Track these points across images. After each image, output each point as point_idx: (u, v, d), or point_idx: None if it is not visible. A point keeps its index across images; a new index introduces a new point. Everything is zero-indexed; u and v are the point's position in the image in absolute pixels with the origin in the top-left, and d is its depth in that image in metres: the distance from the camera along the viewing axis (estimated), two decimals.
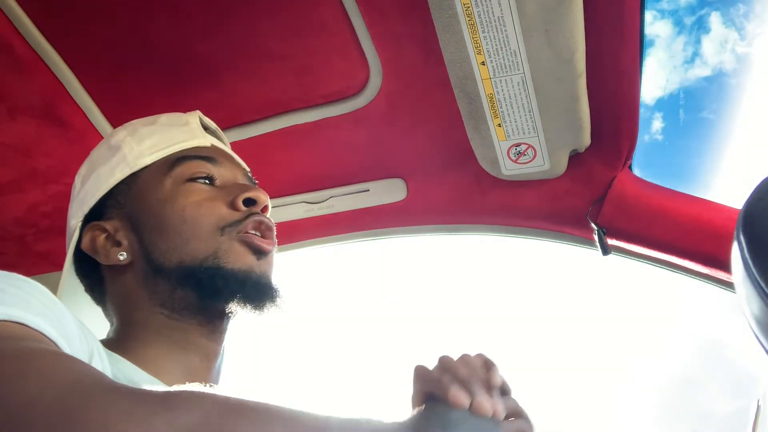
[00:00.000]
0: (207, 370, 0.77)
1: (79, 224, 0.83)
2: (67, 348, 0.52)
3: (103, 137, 1.19)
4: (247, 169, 0.94)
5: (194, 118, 0.90)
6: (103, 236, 0.80)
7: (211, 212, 0.78)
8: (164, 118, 0.90)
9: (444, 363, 0.64)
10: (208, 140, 0.88)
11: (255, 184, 0.90)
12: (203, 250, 0.75)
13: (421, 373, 0.64)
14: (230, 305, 0.75)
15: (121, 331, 0.77)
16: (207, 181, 0.83)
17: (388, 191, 1.29)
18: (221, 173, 0.85)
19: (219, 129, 0.95)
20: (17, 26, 1.00)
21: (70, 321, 0.56)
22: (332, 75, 1.09)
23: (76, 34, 1.03)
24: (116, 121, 1.18)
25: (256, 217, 0.79)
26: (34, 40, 1.02)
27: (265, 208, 0.84)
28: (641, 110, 1.00)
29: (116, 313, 0.80)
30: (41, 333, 0.50)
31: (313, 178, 1.30)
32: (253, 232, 0.79)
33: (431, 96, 1.09)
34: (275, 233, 0.82)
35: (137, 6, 0.99)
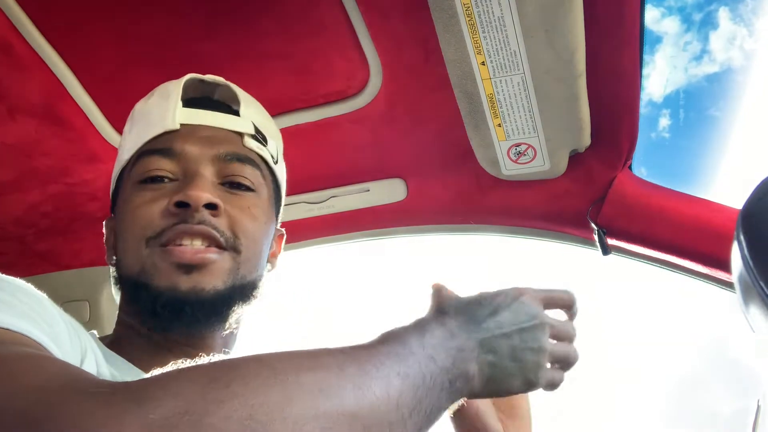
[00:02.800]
0: None
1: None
2: (54, 348, 0.51)
3: (103, 137, 1.19)
4: (249, 131, 0.79)
5: (177, 88, 0.78)
6: (110, 235, 0.79)
7: (141, 221, 0.71)
8: (156, 93, 0.81)
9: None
10: (177, 121, 0.75)
11: (247, 158, 0.78)
12: (133, 265, 0.70)
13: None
14: (171, 329, 0.69)
15: (118, 330, 0.76)
16: (160, 181, 0.73)
17: (389, 191, 1.29)
18: (183, 162, 0.74)
19: (224, 83, 0.83)
20: (17, 26, 1.00)
21: (58, 320, 0.55)
22: (332, 75, 1.09)
23: (76, 34, 1.03)
24: (116, 121, 1.18)
25: (182, 227, 0.69)
26: (33, 40, 1.02)
27: (212, 206, 0.71)
28: (648, 108, 1.00)
29: (119, 306, 0.78)
30: (23, 335, 0.48)
31: (313, 178, 1.30)
32: (185, 242, 0.69)
33: (431, 96, 1.09)
34: (218, 234, 0.70)
35: (137, 5, 0.99)
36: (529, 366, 0.60)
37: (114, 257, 0.76)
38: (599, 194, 1.10)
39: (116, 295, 0.78)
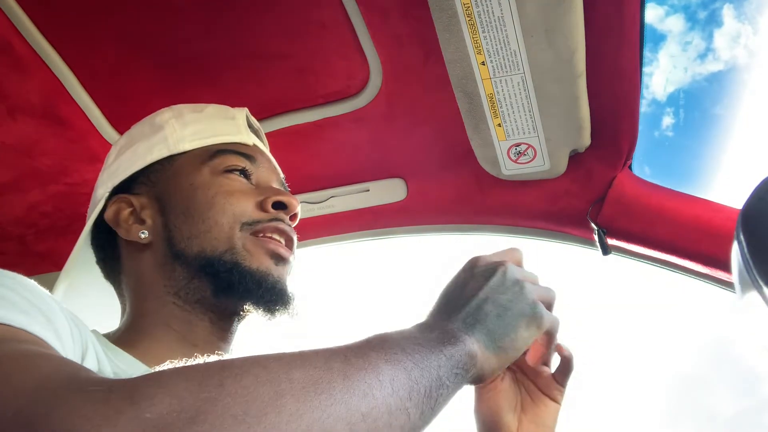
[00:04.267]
0: None
1: (107, 194, 0.83)
2: (56, 343, 0.50)
3: (102, 137, 1.19)
4: (282, 175, 0.93)
5: (242, 114, 0.90)
6: (128, 210, 0.80)
7: (237, 205, 0.77)
8: (211, 108, 0.90)
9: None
10: (251, 139, 0.88)
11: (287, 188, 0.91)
12: (222, 242, 0.75)
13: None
14: (243, 304, 0.75)
15: (131, 322, 0.76)
16: (245, 177, 0.82)
17: (389, 191, 1.29)
18: (258, 173, 0.85)
19: (262, 130, 0.95)
20: (17, 25, 1.00)
21: (60, 316, 0.55)
22: (332, 75, 1.09)
23: (75, 34, 1.03)
24: (116, 121, 1.18)
25: (280, 225, 0.78)
26: (33, 40, 1.02)
27: (293, 217, 0.83)
28: (651, 107, 1.00)
29: (130, 296, 0.79)
30: (24, 331, 0.48)
31: (313, 178, 1.30)
32: (276, 237, 0.78)
33: (431, 96, 1.09)
34: (295, 245, 0.82)
35: (137, 5, 0.99)
36: (522, 310, 0.59)
37: (146, 232, 0.78)
38: (599, 194, 1.10)
39: (144, 275, 0.78)
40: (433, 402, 0.47)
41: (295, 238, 0.81)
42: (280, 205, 0.80)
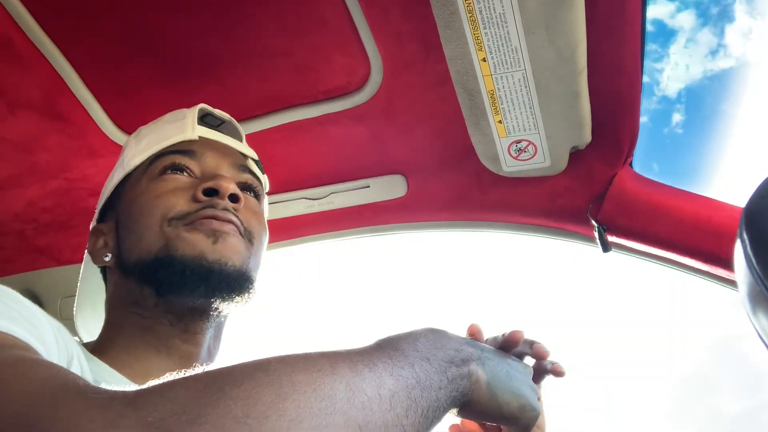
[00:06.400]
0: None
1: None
2: (42, 350, 0.50)
3: (103, 132, 1.19)
4: (254, 157, 0.91)
5: (193, 111, 0.88)
6: (102, 239, 0.82)
7: (165, 204, 0.75)
8: (168, 115, 0.89)
9: None
10: (195, 133, 0.85)
11: (254, 173, 0.89)
12: (154, 243, 0.73)
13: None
14: (194, 298, 0.72)
15: (104, 334, 0.77)
16: (181, 173, 0.80)
17: (389, 187, 1.29)
18: (203, 164, 0.82)
19: (230, 119, 0.93)
20: (17, 20, 0.99)
21: (45, 325, 0.54)
22: (333, 71, 1.08)
23: (76, 29, 1.03)
24: (116, 116, 1.18)
25: (209, 212, 0.74)
26: (34, 35, 1.02)
27: (235, 199, 0.78)
28: (661, 104, 1.00)
29: (105, 313, 0.80)
30: (12, 336, 0.48)
31: (313, 175, 1.30)
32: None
33: (432, 92, 1.09)
34: (240, 222, 0.77)
35: (138, 0, 0.98)
36: (528, 395, 0.64)
37: (109, 254, 0.79)
38: (599, 191, 1.10)
39: (113, 292, 0.80)
40: (428, 422, 0.49)
41: (236, 220, 0.77)
42: (211, 192, 0.77)
